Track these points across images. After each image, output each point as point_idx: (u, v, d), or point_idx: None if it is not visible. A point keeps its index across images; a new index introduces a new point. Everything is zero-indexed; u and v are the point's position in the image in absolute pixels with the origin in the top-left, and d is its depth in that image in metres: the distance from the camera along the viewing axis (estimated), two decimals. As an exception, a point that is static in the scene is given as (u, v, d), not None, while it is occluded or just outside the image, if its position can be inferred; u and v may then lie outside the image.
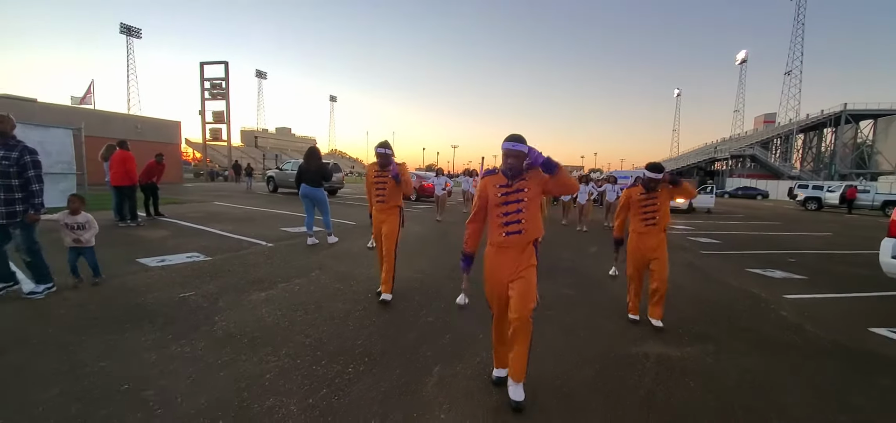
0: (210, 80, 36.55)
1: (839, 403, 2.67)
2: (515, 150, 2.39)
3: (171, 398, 2.35)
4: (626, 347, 3.40)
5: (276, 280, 4.79)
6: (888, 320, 4.28)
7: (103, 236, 7.07)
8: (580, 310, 4.30)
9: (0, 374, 2.56)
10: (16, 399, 2.30)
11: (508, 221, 2.44)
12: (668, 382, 2.83)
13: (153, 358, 2.83)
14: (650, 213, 3.78)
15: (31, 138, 10.46)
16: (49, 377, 2.53)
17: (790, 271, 6.61)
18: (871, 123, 55.52)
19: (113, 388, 2.44)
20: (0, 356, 2.77)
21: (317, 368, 2.79)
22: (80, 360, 2.75)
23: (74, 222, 4.18)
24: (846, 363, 3.30)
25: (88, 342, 3.02)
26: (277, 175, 20.34)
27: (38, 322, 3.36)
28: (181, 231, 7.75)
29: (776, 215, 20.10)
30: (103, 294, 4.09)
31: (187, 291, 4.27)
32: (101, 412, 2.21)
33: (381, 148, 4.17)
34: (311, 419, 2.23)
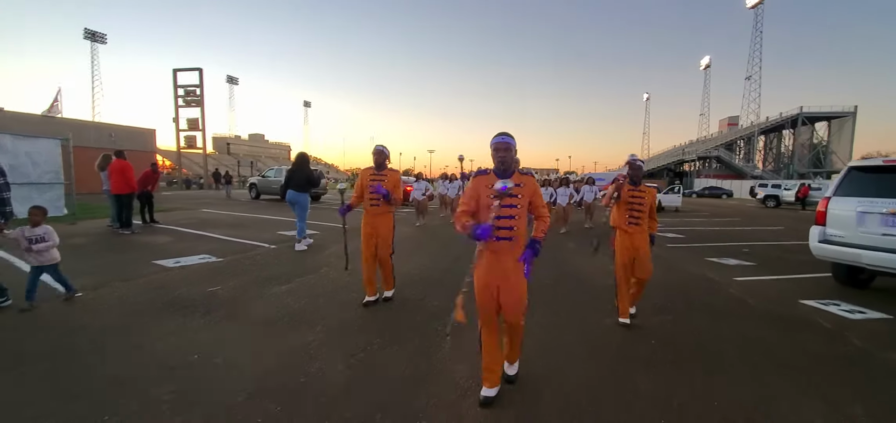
0: (184, 86, 36.09)
1: (763, 350, 3.41)
2: (505, 142, 2.47)
3: (240, 363, 2.89)
4: (601, 319, 4.08)
5: (291, 276, 5.30)
6: (815, 295, 5.12)
7: (108, 242, 7.41)
8: (560, 293, 4.98)
9: (79, 351, 3.02)
10: (107, 370, 2.79)
11: (500, 226, 2.42)
12: (635, 341, 3.52)
13: (208, 337, 3.34)
14: (636, 211, 3.86)
15: (19, 149, 10.61)
16: (125, 353, 3.01)
17: (742, 259, 7.50)
18: (826, 124, 59.17)
19: (184, 359, 2.94)
20: (71, 336, 3.23)
21: (349, 339, 3.35)
22: (144, 340, 3.24)
23: (33, 235, 3.87)
24: (775, 325, 4.07)
25: (144, 327, 3.50)
26: (260, 182, 20.53)
27: (89, 315, 3.80)
28: (182, 237, 8.11)
29: (738, 212, 21.52)
30: (136, 291, 4.52)
31: (213, 286, 4.75)
32: (183, 373, 2.73)
33: (378, 149, 4.25)
34: (356, 372, 2.81)
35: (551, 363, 3.07)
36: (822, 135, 60.25)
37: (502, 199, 2.35)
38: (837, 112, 56.29)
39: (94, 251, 6.56)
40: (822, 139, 60.19)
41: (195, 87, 35.88)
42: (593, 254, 4.40)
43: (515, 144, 2.51)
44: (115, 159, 8.46)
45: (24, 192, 10.57)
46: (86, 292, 4.39)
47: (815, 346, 3.58)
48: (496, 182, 2.37)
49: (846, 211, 5.08)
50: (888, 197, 4.71)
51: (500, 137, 2.49)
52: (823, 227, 5.33)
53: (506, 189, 2.32)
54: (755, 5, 60.74)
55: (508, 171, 2.48)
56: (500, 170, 2.48)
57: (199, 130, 36.54)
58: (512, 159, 2.50)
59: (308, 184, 7.49)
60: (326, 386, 2.63)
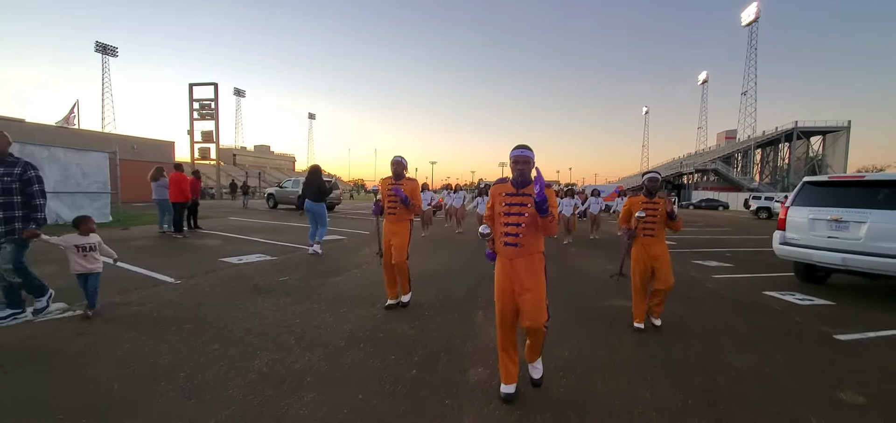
0: (199, 100, 37.44)
1: (725, 327, 4.41)
2: (524, 156, 2.56)
3: (330, 325, 3.93)
4: (599, 301, 5.12)
5: (341, 271, 6.34)
6: (777, 288, 6.15)
7: (169, 244, 8.45)
8: (564, 287, 6.01)
9: (211, 318, 4.06)
10: (241, 327, 3.83)
11: (508, 232, 2.57)
12: (625, 319, 4.54)
13: (298, 310, 4.38)
14: (650, 222, 4.05)
15: (71, 161, 11.76)
16: (246, 319, 4.05)
17: (723, 261, 8.55)
18: (821, 138, 60.53)
19: (290, 322, 3.98)
20: (198, 309, 4.27)
21: (404, 312, 4.39)
22: (253, 311, 4.28)
23: (86, 243, 3.98)
24: (738, 309, 5.09)
25: (248, 304, 4.54)
26: (277, 192, 21.64)
27: (200, 296, 4.82)
28: (230, 240, 9.16)
29: (731, 222, 22.57)
30: (223, 280, 5.56)
31: (282, 276, 5.80)
32: (295, 330, 3.76)
33: (396, 160, 4.48)
34: (417, 333, 3.83)
35: (564, 328, 4.10)
36: (817, 149, 61.58)
37: (484, 239, 2.72)
38: (831, 126, 57.71)
39: (165, 252, 7.59)
40: (817, 153, 61.51)
41: (210, 101, 37.17)
42: (618, 281, 4.60)
43: (534, 156, 2.61)
44: (173, 172, 9.54)
45: (77, 200, 11.74)
46: (184, 280, 5.44)
47: (764, 321, 4.62)
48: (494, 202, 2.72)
49: (801, 218, 6.14)
50: (832, 206, 5.78)
51: (518, 149, 2.58)
52: (783, 232, 6.38)
53: (487, 235, 2.71)
54: (750, 23, 62.44)
55: (525, 182, 2.60)
56: (518, 181, 2.60)
57: (213, 142, 37.72)
58: (530, 171, 2.60)
59: (321, 194, 7.95)
60: (399, 338, 3.67)
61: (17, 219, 3.71)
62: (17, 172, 3.72)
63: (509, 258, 2.59)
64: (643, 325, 4.10)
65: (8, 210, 3.67)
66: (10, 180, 3.68)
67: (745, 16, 63.66)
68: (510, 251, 2.58)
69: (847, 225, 5.55)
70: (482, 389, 2.81)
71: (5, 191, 3.67)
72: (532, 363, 2.81)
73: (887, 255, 5.13)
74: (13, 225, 3.70)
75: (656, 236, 4.05)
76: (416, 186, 4.52)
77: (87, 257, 3.98)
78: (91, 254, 4.00)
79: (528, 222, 2.53)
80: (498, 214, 2.64)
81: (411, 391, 2.76)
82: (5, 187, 3.67)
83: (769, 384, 3.07)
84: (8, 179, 3.67)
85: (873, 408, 2.76)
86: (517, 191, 2.60)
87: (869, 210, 5.39)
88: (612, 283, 5.68)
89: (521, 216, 2.53)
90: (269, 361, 3.14)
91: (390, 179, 4.46)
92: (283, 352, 3.31)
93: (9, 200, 3.68)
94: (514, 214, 2.55)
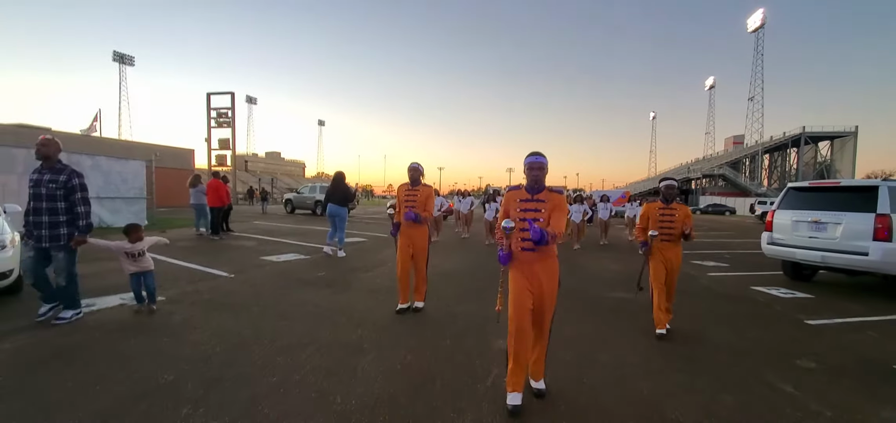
0: (216, 109, 38.57)
1: (714, 315, 5.07)
2: (538, 162, 2.66)
3: (373, 308, 4.66)
4: (602, 292, 5.81)
5: (370, 268, 7.09)
6: (764, 284, 6.79)
7: (210, 245, 9.26)
8: (571, 284, 6.71)
9: (270, 303, 4.82)
10: (299, 312, 4.58)
11: (524, 237, 2.60)
12: (625, 307, 5.22)
13: (343, 299, 5.12)
14: (667, 228, 4.15)
15: (113, 169, 12.72)
16: (300, 305, 4.80)
17: (719, 261, 9.19)
18: (829, 143, 60.52)
19: (339, 307, 4.73)
20: (257, 298, 5.03)
21: (432, 301, 5.10)
22: (304, 300, 5.03)
23: (134, 250, 4.20)
24: (724, 300, 5.75)
25: (298, 294, 5.29)
26: (295, 198, 22.54)
27: (254, 287, 5.59)
28: (263, 242, 9.97)
29: (735, 227, 23.06)
30: (269, 275, 6.33)
31: (320, 272, 6.56)
32: (346, 312, 4.50)
33: (413, 166, 4.63)
34: (445, 317, 4.54)
35: (572, 313, 4.80)
36: (824, 154, 61.55)
37: (506, 235, 2.57)
38: (839, 132, 57.70)
39: (209, 251, 8.39)
40: (825, 158, 61.47)
41: (227, 109, 38.27)
42: (636, 293, 4.63)
43: (547, 163, 2.72)
44: (212, 179, 10.39)
45: (116, 204, 12.67)
46: (237, 274, 6.22)
47: (746, 309, 5.29)
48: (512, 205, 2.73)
49: (786, 220, 6.79)
50: (813, 209, 6.43)
51: (533, 156, 2.69)
52: (771, 233, 7.03)
53: (509, 229, 2.54)
54: (756, 29, 62.73)
55: (540, 187, 2.69)
56: (533, 186, 2.70)
57: (230, 149, 38.77)
58: (544, 177, 2.70)
59: (345, 199, 8.51)
60: (436, 317, 4.41)
61: (61, 225, 3.79)
62: (62, 179, 3.79)
63: (526, 262, 2.66)
64: (665, 331, 4.12)
65: (53, 215, 3.76)
66: (55, 187, 3.76)
67: (751, 22, 64.02)
68: (527, 256, 2.64)
69: (825, 226, 6.20)
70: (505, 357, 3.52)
71: (50, 197, 3.76)
72: (537, 382, 2.83)
73: (858, 252, 5.77)
74: (58, 231, 3.77)
75: (673, 241, 4.17)
76: (430, 192, 4.65)
77: (138, 261, 4.22)
78: (140, 258, 4.23)
79: (543, 227, 2.56)
80: (513, 220, 2.64)
81: (448, 355, 3.48)
82: (50, 194, 3.75)
83: (738, 353, 3.76)
84: (53, 186, 3.76)
85: (821, 371, 3.43)
86: (532, 197, 2.68)
87: (844, 213, 6.04)
88: (614, 281, 6.36)
89: (536, 222, 2.57)
90: (331, 333, 3.88)
91: (407, 186, 4.64)
92: (339, 327, 4.05)
93: (53, 206, 3.77)
94: (530, 219, 2.61)
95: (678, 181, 65.06)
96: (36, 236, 3.79)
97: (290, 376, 2.97)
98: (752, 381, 3.18)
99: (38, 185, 3.78)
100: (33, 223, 3.79)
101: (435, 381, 2.98)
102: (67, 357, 3.16)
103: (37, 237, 3.78)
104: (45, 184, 3.75)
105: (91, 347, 3.38)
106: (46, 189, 3.74)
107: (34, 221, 3.78)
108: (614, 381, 3.10)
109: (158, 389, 2.72)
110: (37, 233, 3.78)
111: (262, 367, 3.10)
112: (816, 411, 2.75)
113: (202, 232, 10.47)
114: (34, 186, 3.79)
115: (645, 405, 2.74)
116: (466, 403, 2.68)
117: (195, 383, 2.81)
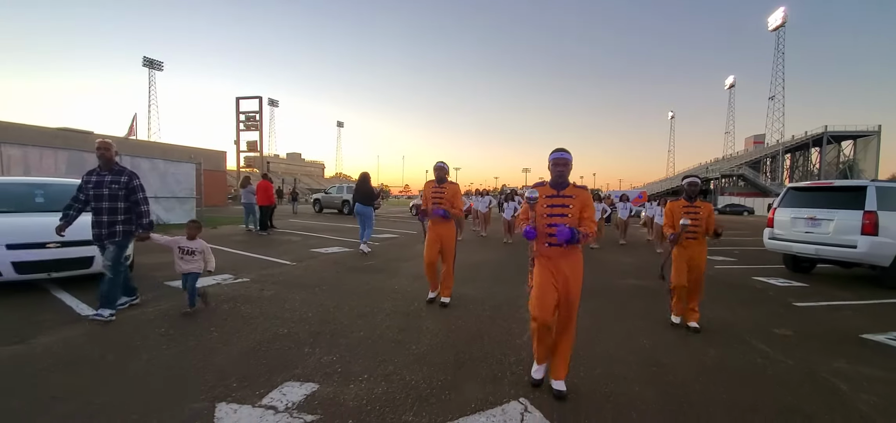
0: (245, 112, 40.34)
1: (712, 297, 5.79)
2: (562, 158, 2.72)
3: (418, 289, 5.54)
4: (616, 281, 6.63)
5: (408, 258, 8.03)
6: (765, 275, 7.50)
7: (261, 240, 10.32)
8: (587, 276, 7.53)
9: (335, 285, 5.77)
10: (362, 290, 5.53)
11: (550, 233, 2.67)
12: (637, 294, 6.02)
13: (394, 283, 6.04)
14: (692, 228, 4.19)
15: (168, 171, 13.95)
16: (361, 285, 5.73)
17: (728, 257, 9.87)
18: (852, 143, 59.49)
19: (393, 289, 5.65)
20: (320, 283, 5.99)
21: (468, 283, 5.99)
22: (362, 281, 5.97)
23: (188, 247, 4.25)
24: (724, 287, 6.50)
25: (356, 278, 6.23)
26: (323, 198, 23.71)
27: (317, 274, 6.55)
28: (307, 237, 11.02)
29: (750, 226, 23.39)
30: (325, 264, 7.29)
31: (368, 261, 7.52)
32: (401, 293, 5.43)
33: (439, 165, 4.83)
34: (485, 295, 5.42)
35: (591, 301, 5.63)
36: (847, 153, 60.50)
37: (532, 204, 2.70)
38: (862, 131, 56.73)
39: (264, 245, 9.43)
40: (848, 157, 60.42)
41: (255, 113, 39.93)
42: (661, 280, 4.67)
43: (572, 159, 2.77)
44: (261, 180, 11.50)
45: (171, 203, 13.92)
46: (297, 263, 7.22)
47: (742, 294, 6.05)
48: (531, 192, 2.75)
49: (785, 217, 7.49)
50: (809, 207, 7.13)
51: (557, 152, 2.76)
52: (772, 228, 7.74)
53: (534, 198, 2.70)
54: (776, 28, 61.98)
55: (565, 183, 2.76)
56: (557, 182, 2.76)
57: (257, 151, 40.43)
58: (568, 173, 2.77)
59: (370, 198, 9.08)
60: (475, 295, 5.31)
61: (118, 223, 3.99)
62: (123, 180, 4.01)
63: (551, 257, 2.74)
64: (679, 320, 4.37)
65: (112, 215, 3.96)
66: (117, 188, 3.97)
67: (771, 20, 63.29)
68: (553, 251, 2.73)
69: (820, 222, 6.90)
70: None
71: (112, 197, 3.95)
72: (557, 381, 2.79)
73: (848, 245, 6.47)
74: (115, 228, 3.97)
75: (698, 239, 4.26)
76: (457, 189, 4.79)
77: (185, 259, 4.23)
78: (188, 256, 4.25)
79: (570, 223, 2.64)
80: (540, 215, 2.75)
81: (490, 320, 4.36)
82: (112, 194, 3.95)
83: (727, 324, 4.56)
84: (115, 186, 3.96)
85: (794, 336, 4.21)
86: (558, 193, 2.75)
87: (836, 210, 6.73)
88: (629, 272, 7.15)
89: (563, 218, 2.67)
90: (392, 305, 4.81)
91: (433, 183, 4.79)
92: (397, 301, 4.98)
93: (114, 206, 3.96)
94: (557, 215, 2.69)
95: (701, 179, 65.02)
96: (95, 235, 4.02)
97: (371, 332, 3.90)
98: (734, 342, 3.99)
99: (100, 186, 3.97)
100: (94, 223, 4.00)
101: (483, 337, 3.88)
102: (205, 318, 4.14)
103: (96, 236, 4.01)
104: (107, 185, 3.95)
105: (217, 312, 4.36)
106: (109, 190, 3.94)
107: (94, 220, 4.00)
108: (621, 338, 3.95)
109: (279, 337, 3.68)
110: (96, 232, 4.00)
111: (348, 326, 4.04)
112: (780, 361, 3.56)
113: (251, 228, 11.57)
114: (95, 187, 3.97)
115: (645, 354, 3.60)
116: (509, 350, 3.57)
117: (303, 334, 3.76)
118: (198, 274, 4.29)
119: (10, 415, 2.37)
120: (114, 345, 3.41)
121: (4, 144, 10.97)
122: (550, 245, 2.72)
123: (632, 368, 3.31)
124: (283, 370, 3.02)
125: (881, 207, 6.34)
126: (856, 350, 3.89)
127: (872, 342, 4.12)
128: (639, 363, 3.41)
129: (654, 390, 2.94)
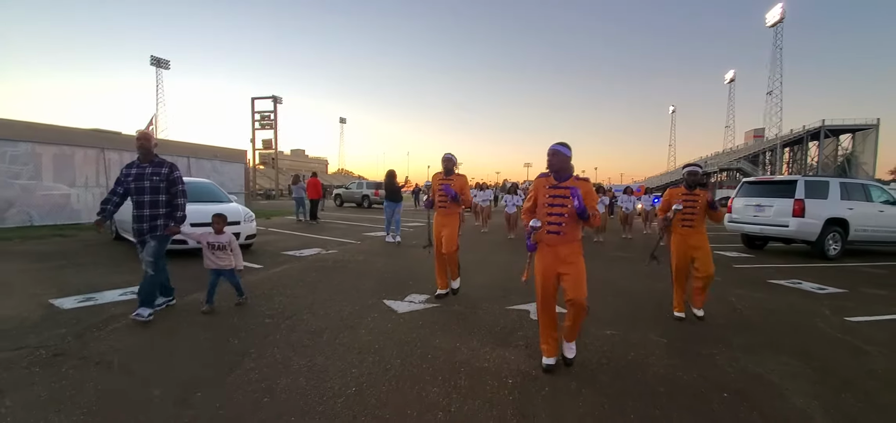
0: (260, 112, 42.43)
1: (726, 293, 7.89)
2: (552, 149, 2.83)
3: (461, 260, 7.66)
4: (614, 283, 8.68)
5: (443, 239, 10.09)
6: (724, 250, 9.54)
7: (314, 227, 12.34)
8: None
9: (391, 257, 7.84)
10: (415, 267, 7.60)
11: (551, 222, 2.80)
12: (631, 288, 8.08)
13: (439, 253, 8.13)
14: (689, 214, 4.13)
15: (224, 169, 16.25)
16: (412, 258, 7.81)
17: (727, 243, 11.86)
18: (850, 136, 60.92)
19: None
20: (375, 259, 8.07)
21: (486, 267, 8.03)
22: (412, 255, 8.01)
23: (217, 242, 4.12)
24: (736, 274, 8.52)
25: (411, 253, 8.30)
26: (344, 193, 25.83)
27: (374, 253, 8.61)
28: (352, 225, 13.13)
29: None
30: (379, 245, 9.34)
31: (413, 242, 9.60)
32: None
33: (447, 156, 4.82)
34: (506, 269, 7.50)
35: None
36: (846, 146, 61.93)
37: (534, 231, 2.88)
38: (860, 125, 58.12)
39: (323, 230, 11.48)
40: (846, 149, 61.80)
41: (269, 112, 41.99)
42: (650, 263, 4.55)
43: (569, 151, 2.84)
44: (310, 177, 13.64)
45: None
46: (359, 243, 9.29)
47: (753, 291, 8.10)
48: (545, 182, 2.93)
49: (740, 204, 9.54)
50: (757, 197, 9.18)
51: (554, 145, 2.85)
52: (731, 213, 9.79)
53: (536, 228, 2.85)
54: (775, 24, 63.40)
55: (567, 175, 2.84)
56: (558, 174, 2.86)
57: (272, 149, 42.51)
58: (564, 165, 2.84)
59: (395, 194, 10.07)
60: (496, 270, 7.38)
61: (160, 216, 3.86)
62: (164, 172, 3.89)
63: (551, 245, 2.84)
64: (683, 314, 4.26)
65: (154, 208, 3.84)
66: (159, 180, 3.85)
67: (770, 16, 64.70)
68: (553, 239, 2.83)
69: (763, 208, 8.95)
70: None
71: (153, 190, 3.83)
72: (568, 343, 2.95)
73: (783, 225, 8.52)
74: (157, 221, 3.85)
75: (695, 228, 4.16)
76: (465, 180, 4.83)
77: (217, 255, 4.11)
78: (220, 252, 4.11)
79: (570, 212, 2.73)
80: (541, 205, 2.86)
81: (513, 282, 6.41)
82: (154, 186, 3.83)
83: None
84: (156, 178, 3.84)
85: (723, 281, 6.25)
86: (559, 183, 2.83)
87: (775, 198, 8.78)
88: (640, 265, 9.16)
89: (563, 207, 2.76)
90: (447, 266, 6.89)
91: (441, 175, 4.85)
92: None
93: (155, 199, 3.84)
94: (558, 205, 2.79)
95: (701, 169, 66.58)
96: (136, 230, 3.90)
97: (441, 278, 5.99)
98: (679, 284, 6.05)
99: (140, 178, 3.83)
100: (135, 216, 3.86)
101: (510, 294, 5.83)
102: (309, 280, 6.22)
103: (137, 231, 3.89)
104: (148, 177, 3.83)
105: (336, 268, 6.45)
106: (150, 182, 3.82)
107: (136, 214, 3.86)
108: (601, 285, 6.02)
109: (387, 277, 5.85)
110: (137, 226, 3.88)
111: (426, 278, 6.10)
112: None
113: (301, 219, 13.70)
114: (136, 180, 3.83)
115: (618, 289, 5.68)
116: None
117: (395, 282, 5.79)
118: (232, 270, 4.20)
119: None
120: (315, 272, 5.53)
121: (64, 146, 12.20)
122: (550, 234, 2.87)
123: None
124: (404, 291, 5.16)
125: (808, 196, 8.37)
126: (758, 287, 5.98)
127: (774, 284, 6.17)
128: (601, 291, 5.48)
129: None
